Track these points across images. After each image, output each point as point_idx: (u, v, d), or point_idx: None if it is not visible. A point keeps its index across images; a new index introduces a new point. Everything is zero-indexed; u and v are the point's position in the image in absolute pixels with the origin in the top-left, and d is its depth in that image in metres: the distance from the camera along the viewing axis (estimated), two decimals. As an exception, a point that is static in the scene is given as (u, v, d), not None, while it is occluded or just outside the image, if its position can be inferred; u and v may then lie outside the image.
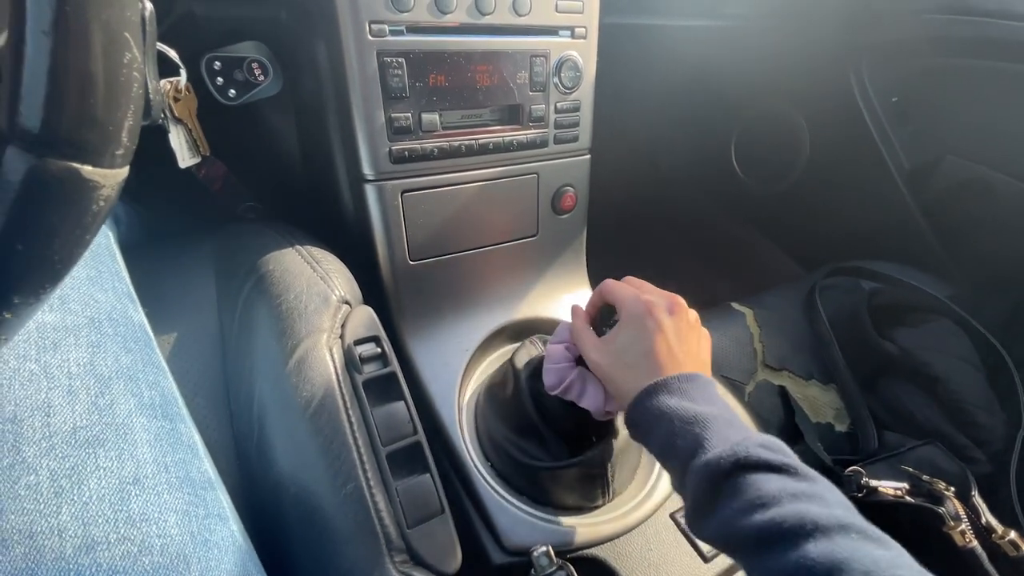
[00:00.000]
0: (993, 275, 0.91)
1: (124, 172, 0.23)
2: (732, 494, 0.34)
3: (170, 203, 0.69)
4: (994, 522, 0.53)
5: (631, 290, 0.47)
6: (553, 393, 0.48)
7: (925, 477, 0.59)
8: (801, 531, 0.30)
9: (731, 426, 0.38)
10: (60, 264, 0.23)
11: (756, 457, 0.35)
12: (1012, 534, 0.51)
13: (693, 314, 0.47)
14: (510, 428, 0.54)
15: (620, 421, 0.55)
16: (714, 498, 0.35)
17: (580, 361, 0.48)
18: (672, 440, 0.38)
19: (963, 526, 0.51)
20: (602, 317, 0.49)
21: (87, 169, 0.21)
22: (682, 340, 0.44)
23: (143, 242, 0.58)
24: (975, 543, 0.50)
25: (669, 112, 1.34)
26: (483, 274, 0.66)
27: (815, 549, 0.28)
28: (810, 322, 0.87)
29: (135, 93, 0.23)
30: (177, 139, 0.52)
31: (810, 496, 0.32)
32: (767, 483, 0.33)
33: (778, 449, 0.36)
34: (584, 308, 0.51)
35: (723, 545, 0.36)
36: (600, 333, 0.47)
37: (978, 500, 0.56)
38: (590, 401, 0.46)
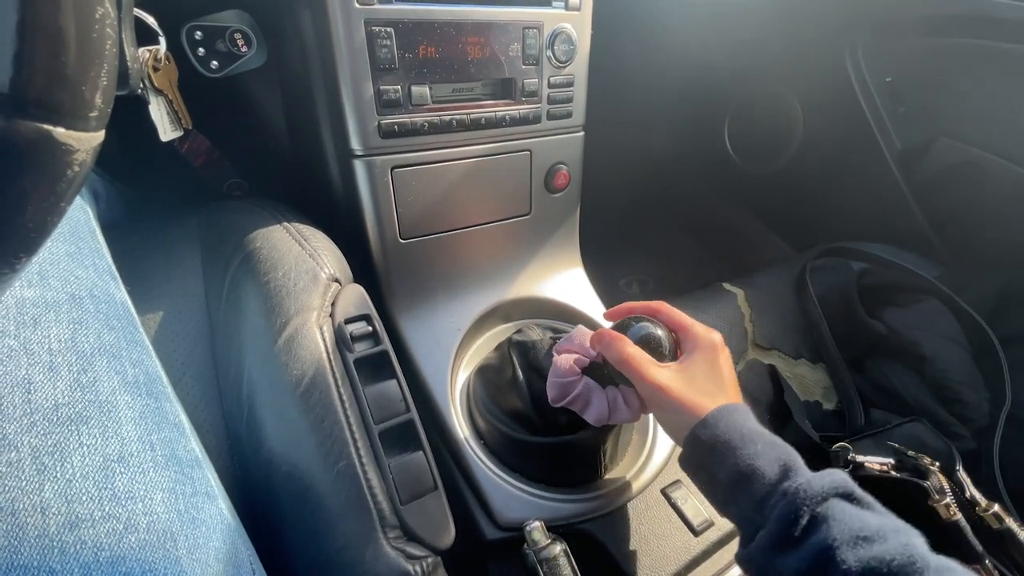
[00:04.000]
0: (981, 256, 0.92)
1: (99, 136, 0.22)
2: (828, 523, 0.32)
3: (152, 179, 0.67)
4: (978, 496, 0.54)
5: (692, 320, 0.47)
6: (558, 405, 0.47)
7: (911, 453, 0.60)
8: (911, 569, 0.28)
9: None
10: (35, 232, 0.22)
11: (850, 488, 0.34)
12: (995, 507, 0.52)
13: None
14: (503, 411, 0.54)
15: None
16: (807, 526, 0.33)
17: (586, 372, 0.48)
18: (753, 462, 0.36)
19: (947, 500, 0.52)
20: (620, 328, 0.48)
21: (60, 131, 0.20)
22: (734, 373, 0.45)
23: (124, 220, 0.57)
24: (959, 516, 0.51)
25: (661, 92, 1.32)
26: (475, 253, 0.65)
27: None
28: (800, 302, 0.87)
29: (109, 51, 0.21)
30: (158, 110, 0.50)
31: (908, 532, 0.32)
32: (866, 516, 0.32)
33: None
34: (609, 318, 0.51)
35: None
36: None
37: (962, 475, 0.57)
38: (594, 413, 0.46)
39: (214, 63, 0.55)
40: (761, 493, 0.35)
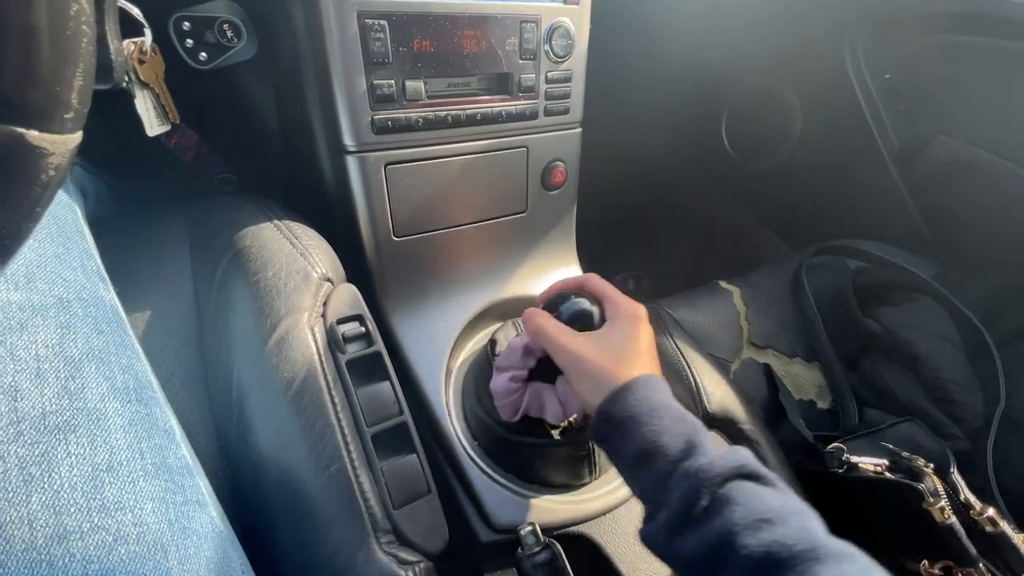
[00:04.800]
0: (977, 255, 0.92)
1: (76, 138, 0.21)
2: (730, 505, 0.32)
3: (142, 174, 0.66)
4: (972, 499, 0.54)
5: (617, 291, 0.47)
6: (515, 420, 0.48)
7: (905, 454, 0.60)
8: (812, 554, 0.28)
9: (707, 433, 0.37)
10: (8, 239, 0.21)
11: (754, 468, 0.33)
12: (990, 511, 0.52)
13: None
14: (495, 408, 0.53)
15: None
16: (708, 508, 0.32)
17: (535, 374, 0.48)
18: (657, 439, 0.35)
19: (942, 502, 0.52)
20: (551, 306, 0.48)
21: (33, 134, 0.19)
22: (654, 347, 0.44)
23: (112, 216, 0.55)
24: (953, 519, 0.51)
25: (658, 87, 1.31)
26: (470, 251, 0.64)
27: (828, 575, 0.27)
28: (796, 300, 0.87)
29: (84, 49, 0.20)
30: (144, 104, 0.48)
31: (806, 513, 0.32)
32: (768, 498, 0.32)
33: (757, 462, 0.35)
34: (541, 300, 0.50)
35: (705, 561, 0.32)
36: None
37: (957, 477, 0.57)
38: (550, 413, 0.47)
39: (203, 55, 0.54)
40: (662, 471, 0.35)
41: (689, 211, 1.44)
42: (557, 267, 0.72)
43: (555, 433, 0.51)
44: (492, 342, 0.53)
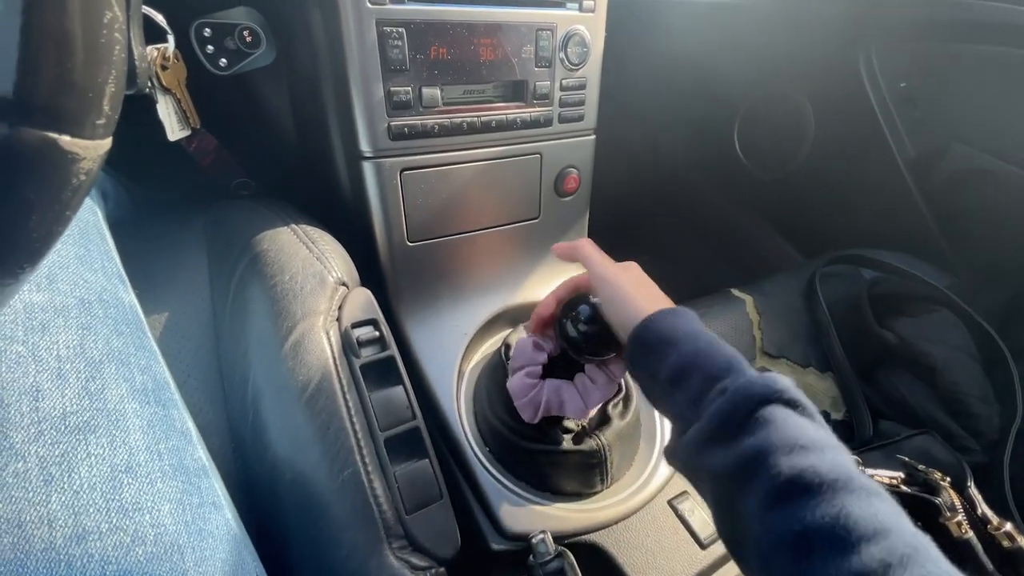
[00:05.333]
0: (993, 265, 0.91)
1: (106, 144, 0.22)
2: (768, 424, 0.31)
3: (160, 178, 0.67)
4: (990, 513, 0.53)
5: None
6: (536, 421, 0.48)
7: (921, 467, 0.59)
8: (843, 484, 0.27)
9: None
10: (39, 242, 0.21)
11: (794, 395, 0.32)
12: (1007, 526, 0.51)
13: None
14: (508, 413, 0.53)
15: (612, 409, 0.54)
16: (743, 425, 0.31)
17: (550, 370, 0.48)
18: (695, 359, 0.35)
19: (959, 517, 0.51)
20: (569, 307, 0.47)
21: (65, 140, 0.20)
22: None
23: (132, 218, 0.56)
24: (971, 534, 0.50)
25: (671, 93, 1.31)
26: (483, 256, 0.64)
27: (858, 507, 0.27)
28: (810, 310, 0.86)
29: (117, 56, 0.21)
30: (165, 110, 0.49)
31: (843, 451, 0.31)
32: (806, 427, 0.31)
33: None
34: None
35: (733, 476, 0.31)
36: (564, 325, 0.46)
37: (974, 491, 0.56)
38: (571, 408, 0.47)
39: (223, 61, 0.55)
40: (698, 389, 0.34)
41: (701, 218, 1.43)
42: (569, 273, 0.71)
43: (567, 439, 0.51)
44: (506, 346, 0.53)
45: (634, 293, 0.41)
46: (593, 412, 0.49)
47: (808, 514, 0.27)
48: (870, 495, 0.28)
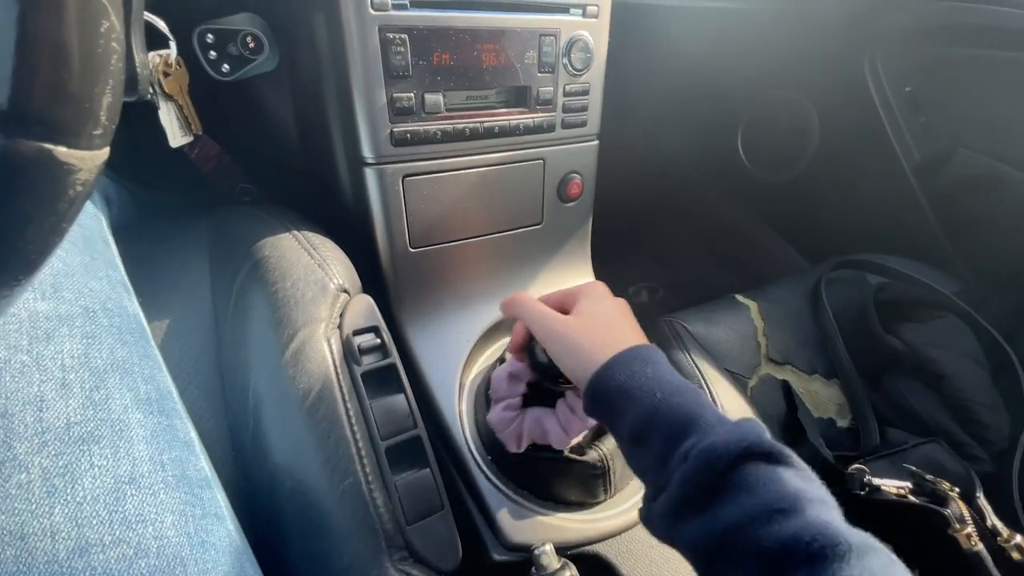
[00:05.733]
0: (1000, 271, 0.90)
1: (103, 154, 0.21)
2: (740, 490, 0.29)
3: (163, 184, 0.67)
4: (999, 525, 0.52)
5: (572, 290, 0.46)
6: (521, 451, 0.48)
7: (929, 477, 0.58)
8: (832, 552, 0.25)
9: (712, 406, 0.34)
10: (35, 254, 0.21)
11: (764, 444, 0.30)
12: (1017, 537, 0.50)
13: None
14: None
15: None
16: (714, 491, 0.29)
17: (530, 398, 0.48)
18: (652, 416, 0.33)
19: (968, 528, 0.50)
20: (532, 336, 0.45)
21: (61, 151, 0.19)
22: (633, 317, 0.42)
23: (134, 224, 0.56)
24: (980, 546, 0.50)
25: (674, 98, 1.31)
26: (485, 263, 0.64)
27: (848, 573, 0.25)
28: (815, 316, 0.85)
29: (114, 66, 0.20)
30: (168, 116, 0.49)
31: (826, 502, 0.29)
32: (783, 481, 0.29)
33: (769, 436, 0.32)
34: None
35: (709, 551, 0.29)
36: (533, 350, 0.44)
37: (983, 502, 0.55)
38: (553, 438, 0.46)
39: (225, 66, 0.54)
40: (660, 449, 0.32)
41: (705, 223, 1.43)
42: (572, 279, 0.71)
43: (565, 449, 0.51)
44: (486, 380, 0.53)
45: (583, 341, 0.38)
46: (578, 439, 0.48)
47: None
48: (861, 555, 0.26)
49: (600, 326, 0.40)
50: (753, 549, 0.27)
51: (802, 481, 0.30)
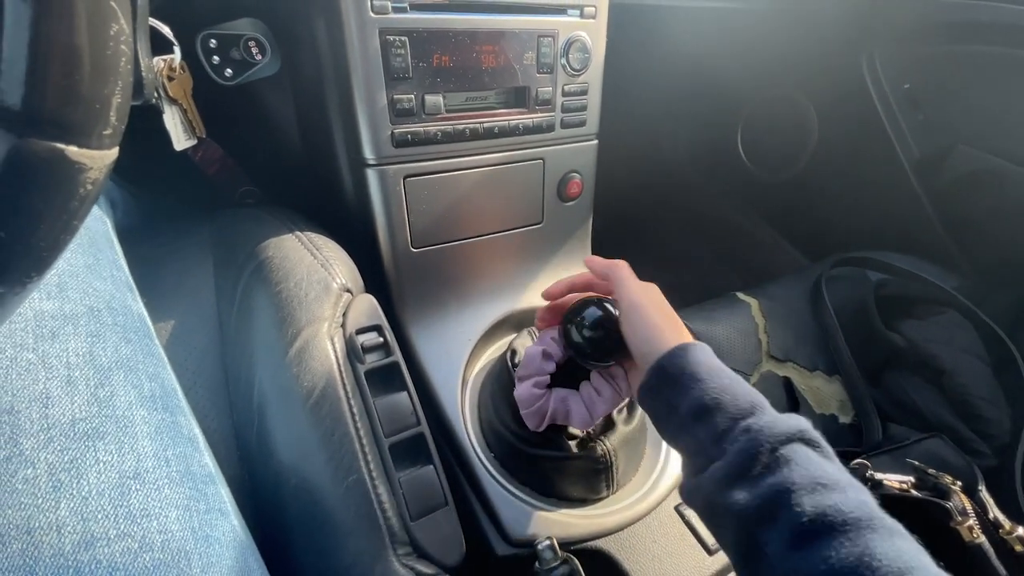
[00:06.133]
0: (1001, 267, 0.90)
1: (113, 154, 0.22)
2: (789, 463, 0.32)
3: (167, 187, 0.67)
4: (1001, 518, 0.52)
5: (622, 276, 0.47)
6: (541, 429, 0.48)
7: (931, 471, 0.58)
8: (866, 524, 0.28)
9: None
10: (46, 252, 0.22)
11: (814, 435, 0.33)
12: (1019, 530, 0.50)
13: None
14: (513, 419, 0.53)
15: (616, 415, 0.54)
16: (767, 464, 0.32)
17: (557, 379, 0.48)
18: (719, 396, 0.36)
19: (970, 521, 0.51)
20: (574, 313, 0.47)
21: (72, 150, 0.20)
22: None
23: (138, 226, 0.57)
24: (983, 539, 0.50)
25: (674, 97, 1.31)
26: (487, 262, 0.65)
27: (882, 546, 0.27)
28: (816, 313, 0.86)
29: (123, 68, 0.21)
30: (172, 120, 0.50)
31: (864, 490, 0.31)
32: (826, 465, 0.32)
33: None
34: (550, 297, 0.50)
35: (756, 515, 0.31)
36: (569, 330, 0.46)
37: (985, 495, 0.55)
38: (577, 419, 0.46)
39: (228, 71, 0.55)
40: (722, 427, 0.35)
41: (705, 222, 1.43)
42: (573, 278, 0.72)
43: (572, 445, 0.51)
44: (511, 351, 0.53)
45: (660, 323, 0.41)
46: (598, 421, 0.49)
47: (833, 553, 0.27)
48: (892, 534, 0.28)
49: (669, 315, 0.43)
50: (795, 511, 0.30)
51: (842, 471, 0.33)
